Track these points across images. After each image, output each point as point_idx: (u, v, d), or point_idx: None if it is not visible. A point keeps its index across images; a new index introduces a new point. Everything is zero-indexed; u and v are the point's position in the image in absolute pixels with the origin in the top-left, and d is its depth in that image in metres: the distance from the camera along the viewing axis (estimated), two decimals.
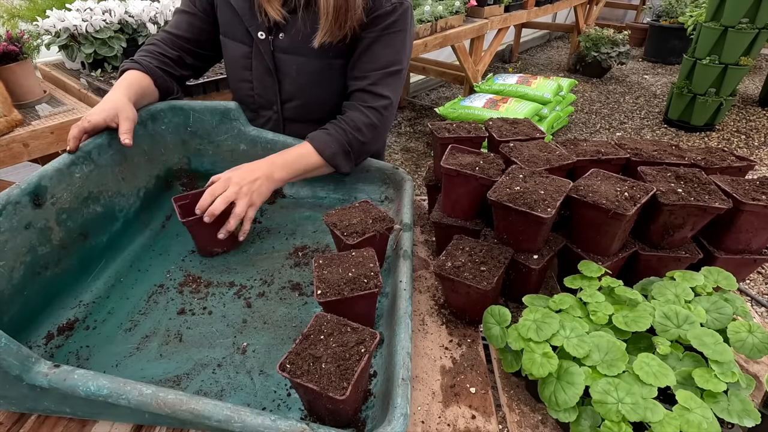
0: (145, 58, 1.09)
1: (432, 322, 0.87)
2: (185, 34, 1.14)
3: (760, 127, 4.05)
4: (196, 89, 1.77)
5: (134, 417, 0.66)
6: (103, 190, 0.95)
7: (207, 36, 1.15)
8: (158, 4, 1.87)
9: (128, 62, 1.08)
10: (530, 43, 6.62)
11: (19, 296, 0.77)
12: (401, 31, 1.06)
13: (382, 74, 1.05)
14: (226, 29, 1.12)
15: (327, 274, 0.75)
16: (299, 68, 1.09)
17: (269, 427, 0.53)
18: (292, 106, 1.15)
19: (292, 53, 1.07)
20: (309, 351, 0.61)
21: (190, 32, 1.14)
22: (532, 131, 1.04)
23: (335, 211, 0.91)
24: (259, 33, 1.06)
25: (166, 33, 1.15)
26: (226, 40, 1.13)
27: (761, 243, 0.86)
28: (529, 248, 0.83)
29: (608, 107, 4.54)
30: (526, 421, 0.70)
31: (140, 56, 1.10)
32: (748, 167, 0.94)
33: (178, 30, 1.14)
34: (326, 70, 1.09)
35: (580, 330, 0.67)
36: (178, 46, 1.14)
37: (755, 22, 3.46)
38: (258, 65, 1.11)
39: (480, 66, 3.82)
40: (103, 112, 0.93)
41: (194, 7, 1.13)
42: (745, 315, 0.71)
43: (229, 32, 1.12)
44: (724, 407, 0.60)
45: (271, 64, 1.09)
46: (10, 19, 1.79)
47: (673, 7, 5.47)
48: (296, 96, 1.13)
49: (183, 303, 0.87)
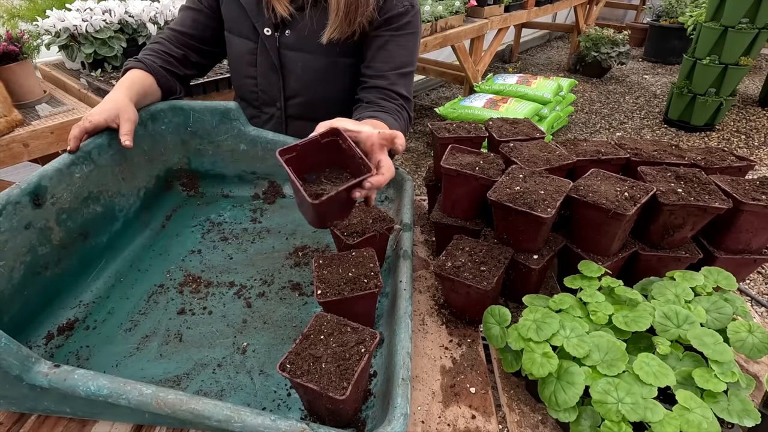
0: (149, 58, 1.09)
1: (432, 322, 0.87)
2: (190, 30, 1.14)
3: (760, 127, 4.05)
4: (196, 89, 1.77)
5: (134, 417, 0.66)
6: (103, 190, 0.95)
7: (212, 32, 1.16)
8: (158, 4, 1.87)
9: (132, 61, 1.08)
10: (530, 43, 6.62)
11: (19, 296, 0.77)
12: (414, 33, 1.08)
13: (399, 74, 1.07)
14: (231, 25, 1.12)
15: (327, 274, 0.75)
16: (304, 65, 1.09)
17: (269, 427, 0.53)
18: (296, 103, 1.15)
19: (297, 50, 1.07)
20: (309, 351, 0.61)
21: (194, 29, 1.14)
22: (532, 131, 1.04)
23: None
24: (266, 29, 1.06)
25: (171, 30, 1.15)
26: (231, 36, 1.13)
27: (761, 243, 0.86)
28: (529, 248, 0.83)
29: (608, 107, 4.54)
30: (526, 421, 0.70)
31: (144, 55, 1.10)
32: (748, 167, 0.94)
33: (182, 27, 1.14)
34: (331, 68, 1.09)
35: (580, 330, 0.67)
36: (183, 44, 1.14)
37: (755, 22, 3.46)
38: (263, 61, 1.11)
39: (480, 66, 3.82)
40: (104, 113, 0.93)
41: (199, 3, 1.13)
42: (745, 315, 0.71)
43: (234, 28, 1.12)
44: (724, 407, 0.60)
45: (277, 61, 1.09)
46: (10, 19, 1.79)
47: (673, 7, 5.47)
48: (300, 93, 1.13)
49: (183, 303, 0.87)
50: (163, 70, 1.09)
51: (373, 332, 0.63)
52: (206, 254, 0.99)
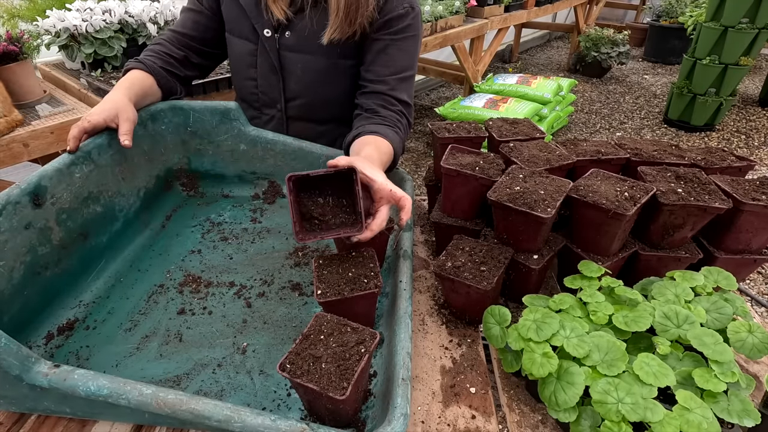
0: (150, 58, 1.09)
1: (432, 322, 0.87)
2: (191, 32, 1.14)
3: (760, 127, 4.05)
4: (197, 89, 1.77)
5: (134, 417, 0.66)
6: (103, 190, 0.95)
7: (213, 34, 1.16)
8: (158, 4, 1.87)
9: (132, 62, 1.08)
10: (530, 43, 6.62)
11: (19, 296, 0.77)
12: (415, 36, 1.07)
13: (399, 79, 1.06)
14: (231, 26, 1.12)
15: (327, 274, 0.75)
16: (305, 66, 1.09)
17: (269, 427, 0.53)
18: (296, 105, 1.15)
19: (298, 51, 1.07)
20: (309, 351, 0.61)
21: (195, 30, 1.14)
22: (532, 131, 1.04)
23: None
24: (265, 30, 1.06)
25: (172, 32, 1.15)
26: (232, 38, 1.13)
27: (761, 243, 0.86)
28: (529, 248, 0.83)
29: (608, 107, 4.54)
30: (526, 421, 0.70)
31: (145, 56, 1.10)
32: (748, 167, 0.94)
33: (183, 28, 1.14)
34: (332, 70, 1.09)
35: (580, 330, 0.67)
36: (184, 45, 1.14)
37: (755, 22, 3.46)
38: (263, 63, 1.11)
39: (480, 66, 3.82)
40: (104, 113, 0.93)
41: (200, 5, 1.13)
42: (745, 315, 0.71)
43: (234, 29, 1.12)
44: (724, 407, 0.60)
45: (277, 62, 1.09)
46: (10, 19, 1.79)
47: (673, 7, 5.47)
48: (301, 94, 1.13)
49: (183, 303, 0.87)
50: (163, 71, 1.09)
51: (373, 332, 0.63)
52: (206, 254, 0.99)
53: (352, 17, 0.99)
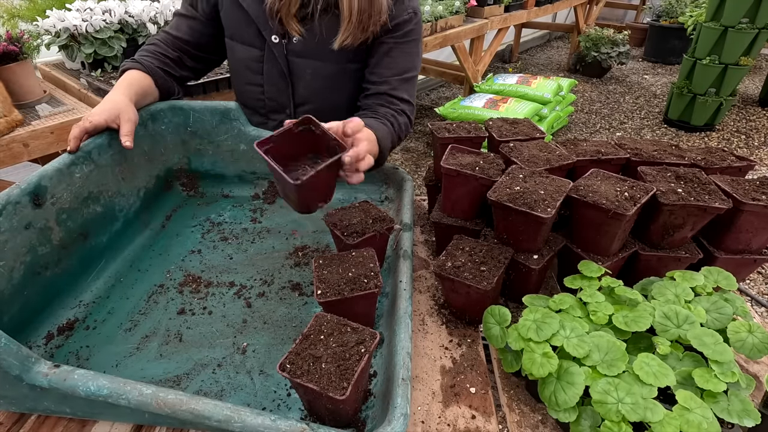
0: (146, 58, 1.08)
1: (432, 322, 0.87)
2: (185, 36, 1.13)
3: (760, 127, 4.05)
4: (196, 89, 1.77)
5: (134, 417, 0.66)
6: (103, 190, 0.95)
7: (208, 39, 1.15)
8: (158, 4, 1.87)
9: (129, 62, 1.08)
10: (530, 43, 6.62)
11: (19, 296, 0.77)
12: (417, 39, 1.09)
13: (401, 79, 1.07)
14: (233, 32, 1.11)
15: (327, 274, 0.75)
16: (314, 72, 1.08)
17: (269, 427, 0.53)
18: (306, 111, 1.14)
19: (307, 57, 1.07)
20: (309, 351, 0.61)
21: (190, 35, 1.13)
22: (532, 131, 1.04)
23: (335, 211, 0.91)
24: (273, 37, 1.05)
25: (167, 34, 1.14)
26: (233, 43, 1.11)
27: (761, 243, 0.86)
28: (529, 248, 0.83)
29: (608, 107, 4.54)
30: (526, 421, 0.70)
31: (141, 56, 1.09)
32: (748, 167, 0.94)
33: (178, 32, 1.13)
34: (341, 75, 1.09)
35: (580, 330, 0.67)
36: (178, 48, 1.13)
37: (755, 22, 3.46)
38: (270, 69, 1.09)
39: (480, 66, 3.82)
40: (105, 113, 0.93)
41: (194, 10, 1.12)
42: (745, 315, 0.71)
43: (236, 35, 1.10)
44: (724, 407, 0.60)
45: (285, 68, 1.08)
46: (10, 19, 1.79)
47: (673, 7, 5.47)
48: (310, 100, 1.13)
49: (183, 303, 0.87)
50: (160, 70, 1.09)
51: (373, 332, 0.63)
52: (206, 254, 1.00)
53: (365, 24, 0.99)
